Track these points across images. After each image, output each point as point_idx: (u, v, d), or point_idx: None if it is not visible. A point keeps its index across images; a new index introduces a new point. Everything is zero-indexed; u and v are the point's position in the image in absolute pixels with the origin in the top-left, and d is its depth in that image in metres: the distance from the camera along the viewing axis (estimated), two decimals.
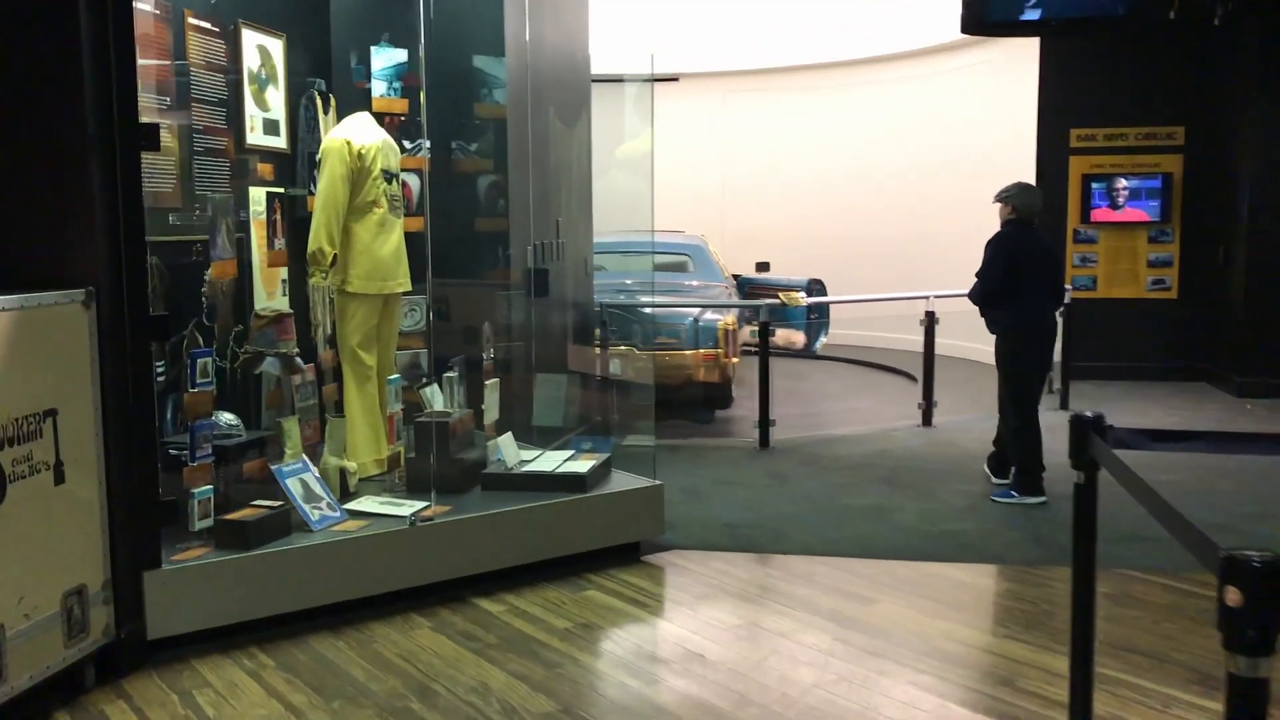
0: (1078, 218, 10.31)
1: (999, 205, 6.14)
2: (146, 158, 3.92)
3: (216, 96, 5.04)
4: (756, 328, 7.60)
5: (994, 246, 6.00)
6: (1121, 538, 5.09)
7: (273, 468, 4.44)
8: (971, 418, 8.49)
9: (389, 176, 5.26)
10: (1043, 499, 5.95)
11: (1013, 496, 5.98)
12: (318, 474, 4.63)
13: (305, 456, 4.71)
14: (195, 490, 4.12)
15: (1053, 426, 8.05)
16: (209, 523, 4.15)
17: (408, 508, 4.62)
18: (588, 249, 7.48)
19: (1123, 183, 10.13)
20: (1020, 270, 5.91)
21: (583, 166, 7.20)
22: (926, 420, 8.12)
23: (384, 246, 5.20)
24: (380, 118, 5.85)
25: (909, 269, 11.17)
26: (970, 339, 11.06)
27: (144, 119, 3.85)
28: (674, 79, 13.84)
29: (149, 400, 3.84)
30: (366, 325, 5.21)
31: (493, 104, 6.43)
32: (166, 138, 4.63)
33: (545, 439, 6.14)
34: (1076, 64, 10.20)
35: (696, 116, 13.75)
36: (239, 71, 5.20)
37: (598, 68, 7.54)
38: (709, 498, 6.12)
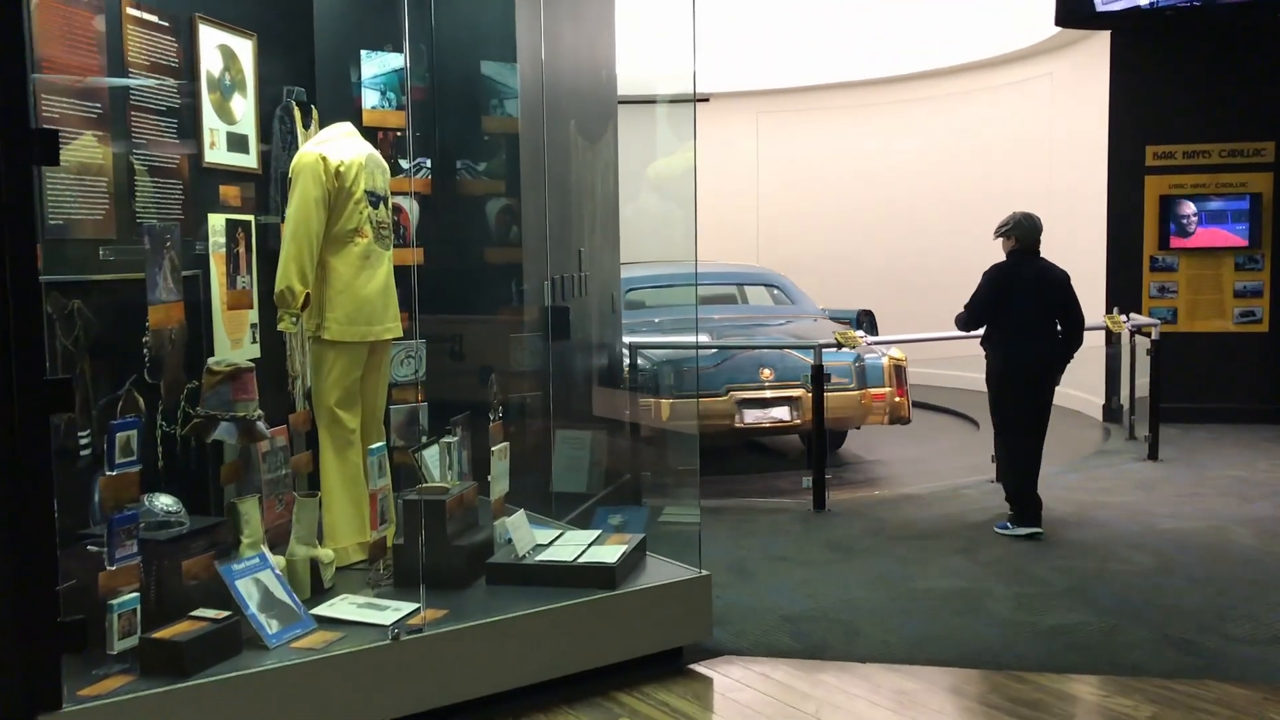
0: (1155, 243, 9.31)
1: (1001, 240, 6.04)
2: (63, 176, 3.06)
3: (165, 105, 4.16)
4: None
5: (985, 276, 5.96)
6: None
7: (219, 567, 3.52)
8: (1052, 470, 7.46)
9: (374, 200, 4.36)
10: (1037, 530, 5.81)
11: (1008, 528, 5.89)
12: (279, 570, 3.70)
13: (267, 548, 3.78)
14: (114, 601, 3.21)
15: (1148, 481, 7.39)
16: (132, 642, 3.23)
17: (392, 612, 3.69)
18: (615, 283, 6.57)
19: (1191, 207, 9.13)
20: (1011, 300, 5.83)
21: (608, 189, 6.30)
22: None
23: (368, 284, 4.29)
24: (372, 133, 4.98)
25: (963, 301, 10.17)
26: None
27: (50, 125, 2.98)
28: (705, 99, 12.96)
29: (45, 490, 2.94)
30: (347, 379, 4.30)
31: (504, 117, 5.56)
32: (95, 153, 3.76)
33: (565, 507, 5.20)
34: (1152, 74, 9.24)
35: (729, 139, 12.85)
36: (195, 76, 4.32)
37: (624, 89, 6.65)
38: (761, 578, 5.15)
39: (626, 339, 6.95)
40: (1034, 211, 6.02)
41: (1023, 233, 5.90)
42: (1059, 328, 5.86)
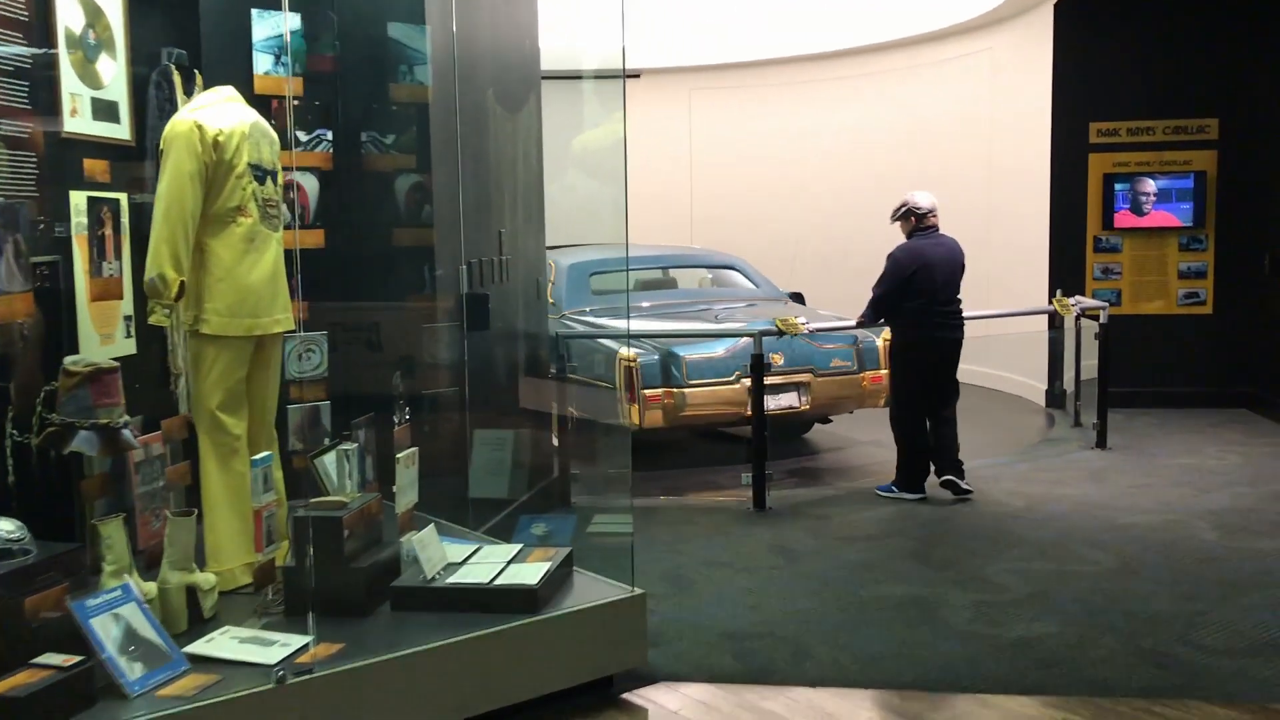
0: (1099, 223, 9.05)
1: (900, 222, 6.22)
2: None
3: (13, 65, 3.61)
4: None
5: (892, 255, 6.09)
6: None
7: (70, 604, 3.01)
8: (1002, 461, 7.18)
9: (260, 174, 3.85)
10: (921, 495, 6.09)
11: (893, 491, 6.17)
12: (147, 601, 3.20)
13: (136, 577, 3.28)
14: None
15: (1099, 472, 6.83)
16: None
17: (279, 648, 3.20)
18: (541, 267, 6.10)
19: (1150, 185, 8.89)
20: (914, 279, 5.98)
21: (532, 165, 5.82)
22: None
23: (253, 270, 3.78)
24: (265, 103, 4.46)
25: None
26: (991, 365, 9.80)
27: None
28: (635, 75, 12.51)
29: None
30: (230, 379, 3.80)
31: (413, 84, 5.05)
32: None
33: (484, 516, 4.74)
34: (1096, 49, 8.96)
35: (661, 117, 12.40)
36: (51, 33, 3.77)
37: (550, 63, 6.17)
38: (700, 589, 4.73)
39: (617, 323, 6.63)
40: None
41: (917, 210, 6.10)
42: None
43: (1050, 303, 8.51)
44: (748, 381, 6.26)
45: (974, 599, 4.54)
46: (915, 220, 6.12)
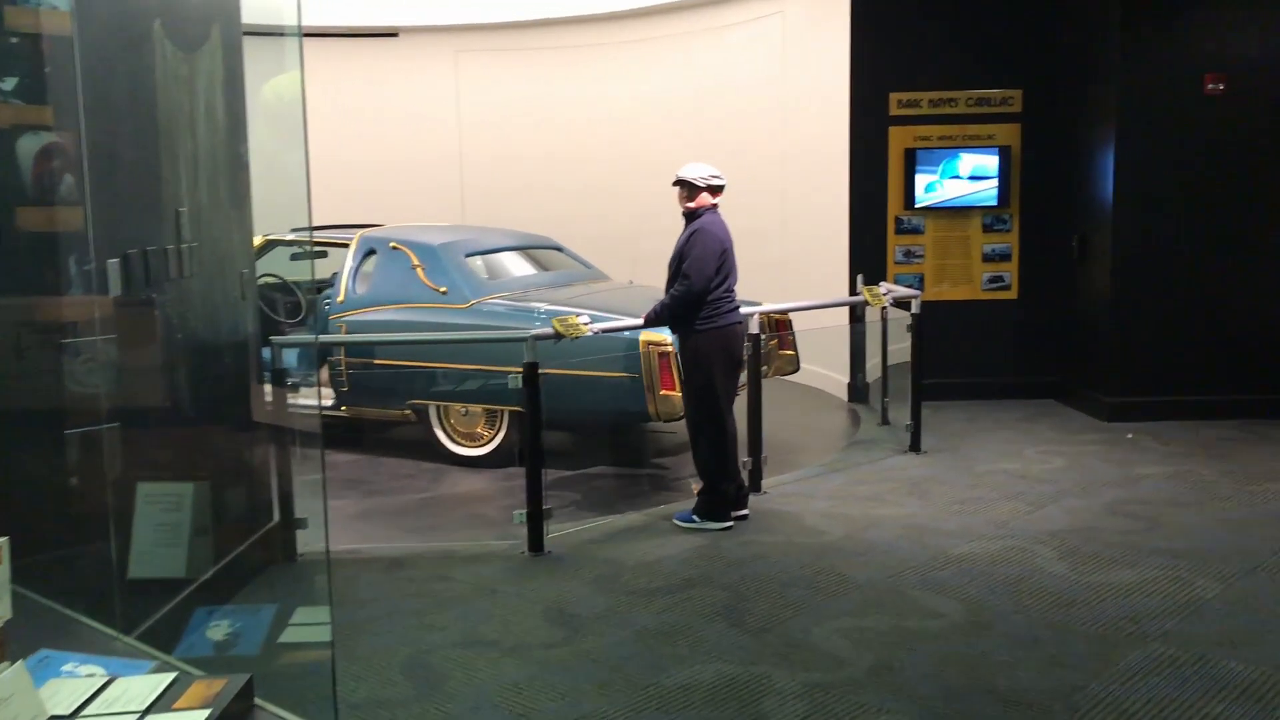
0: (901, 202, 8.36)
1: (681, 194, 5.24)
2: None
3: None
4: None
5: (700, 236, 5.06)
6: None
7: None
8: (813, 472, 6.32)
9: None
10: (728, 525, 5.20)
11: (693, 520, 5.24)
12: None
13: None
14: None
15: (919, 483, 5.76)
16: None
17: None
18: (245, 258, 4.76)
19: (971, 161, 8.24)
20: (725, 263, 5.12)
21: (224, 125, 4.47)
22: (754, 484, 5.84)
23: None
24: None
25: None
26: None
27: None
28: (393, 34, 11.11)
29: None
30: None
31: (41, 9, 3.64)
32: None
33: (143, 607, 3.44)
34: (896, 13, 8.24)
35: (424, 81, 11.06)
36: None
37: (253, 16, 4.81)
38: (453, 687, 3.57)
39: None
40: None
41: (715, 181, 5.21)
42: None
43: (856, 290, 7.77)
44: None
45: (804, 680, 3.56)
46: (697, 195, 5.19)
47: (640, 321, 5.32)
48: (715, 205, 5.22)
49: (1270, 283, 7.42)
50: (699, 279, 4.98)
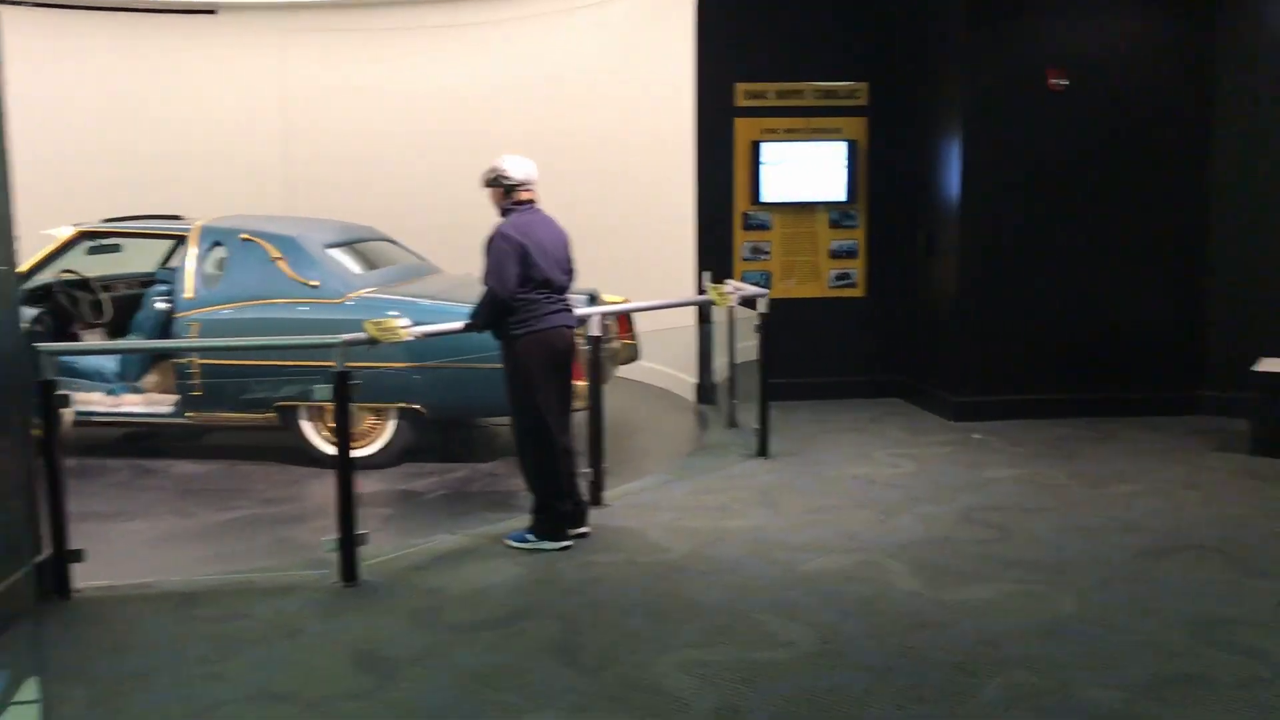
0: (748, 197, 8.09)
1: (491, 192, 4.88)
2: None
3: None
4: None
5: (495, 240, 4.69)
6: None
7: None
8: (657, 481, 5.97)
9: None
10: (565, 544, 4.79)
11: (528, 540, 4.81)
12: None
13: None
14: None
15: (768, 491, 5.25)
16: None
17: None
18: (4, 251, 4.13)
19: (803, 149, 8.01)
20: (528, 264, 4.67)
21: None
22: (595, 497, 5.45)
23: None
24: None
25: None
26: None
27: None
28: (210, 11, 10.29)
29: None
30: None
31: None
32: None
33: None
34: (741, 1, 7.96)
35: (244, 64, 10.28)
36: None
37: None
38: None
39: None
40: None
41: (521, 174, 4.81)
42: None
43: (702, 289, 7.47)
44: None
45: None
46: (505, 192, 4.83)
47: (461, 326, 4.87)
48: (529, 202, 4.81)
49: (1115, 279, 7.42)
50: (499, 285, 4.61)
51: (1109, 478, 5.93)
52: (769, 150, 7.98)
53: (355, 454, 5.91)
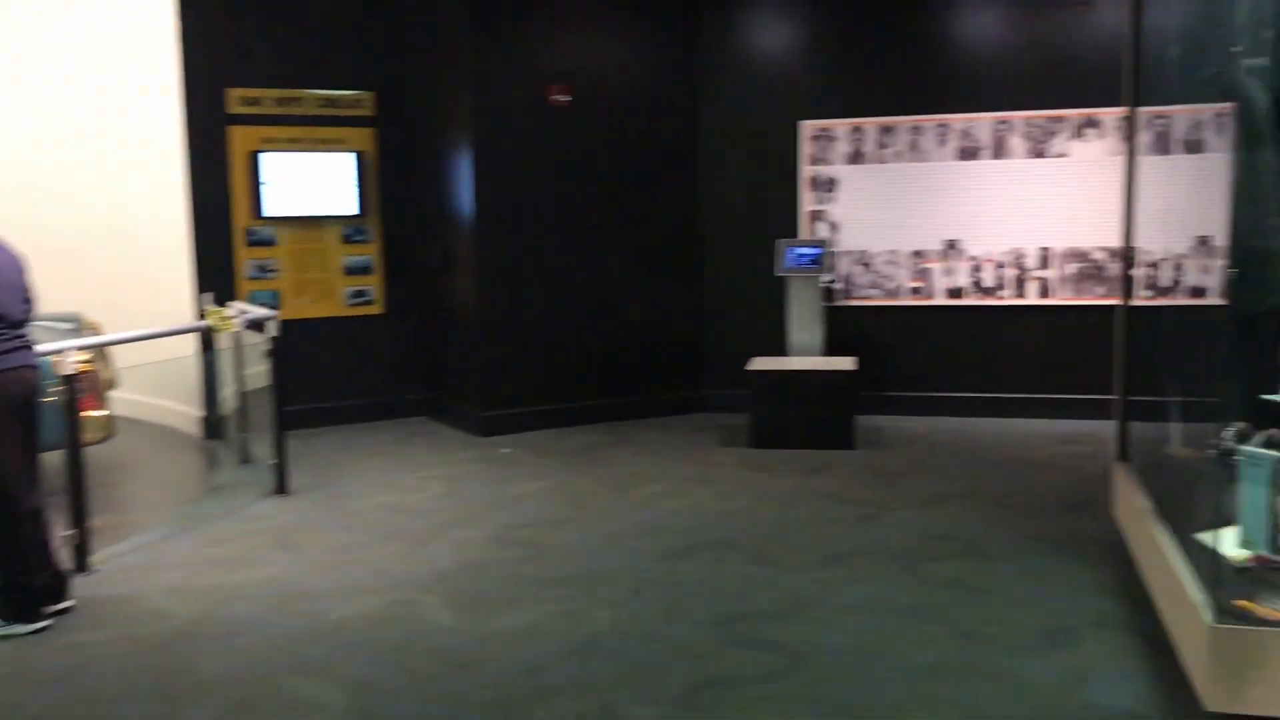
0: (248, 212, 7.49)
1: None
2: None
3: None
4: None
5: None
6: None
7: None
8: (157, 537, 5.27)
9: None
10: (43, 625, 4.05)
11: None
12: None
13: None
14: None
15: (288, 533, 4.79)
16: None
17: None
18: None
19: (308, 160, 7.55)
20: None
21: None
22: (80, 563, 4.68)
23: None
24: None
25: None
26: (128, 389, 7.67)
27: None
28: None
29: None
30: None
31: None
32: None
33: None
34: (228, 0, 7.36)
35: None
36: None
37: None
38: None
39: None
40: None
41: None
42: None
43: (202, 314, 6.77)
44: None
45: None
46: None
47: None
48: None
49: (623, 288, 7.69)
50: None
51: (630, 480, 6.10)
52: (270, 161, 7.44)
53: None
